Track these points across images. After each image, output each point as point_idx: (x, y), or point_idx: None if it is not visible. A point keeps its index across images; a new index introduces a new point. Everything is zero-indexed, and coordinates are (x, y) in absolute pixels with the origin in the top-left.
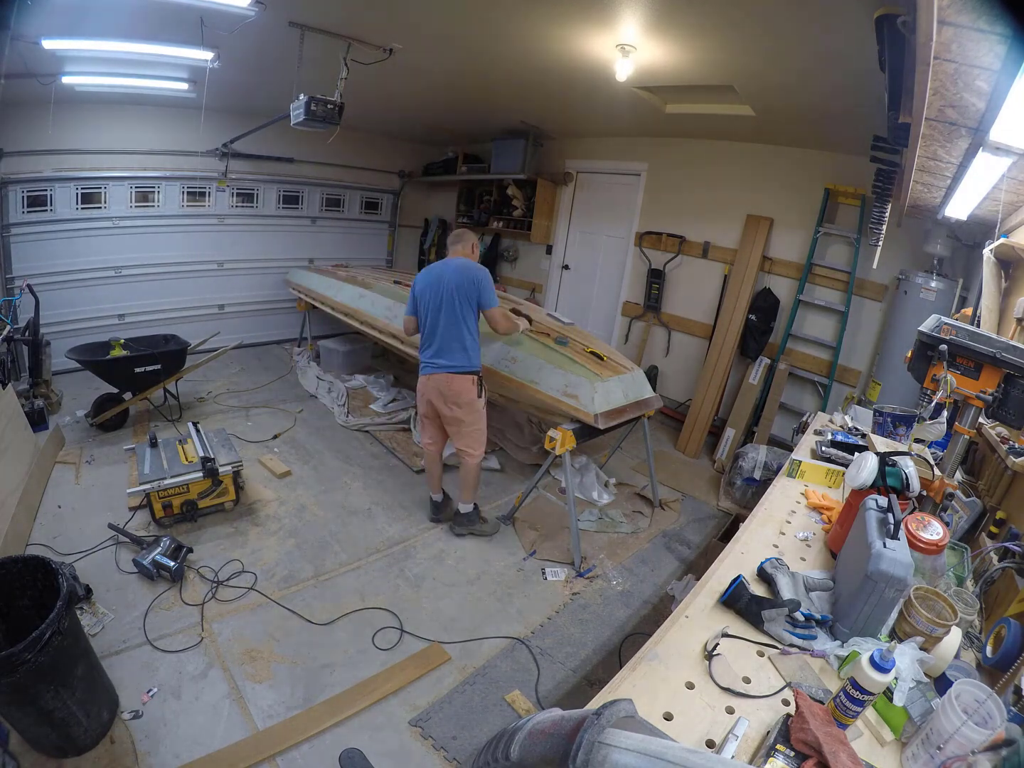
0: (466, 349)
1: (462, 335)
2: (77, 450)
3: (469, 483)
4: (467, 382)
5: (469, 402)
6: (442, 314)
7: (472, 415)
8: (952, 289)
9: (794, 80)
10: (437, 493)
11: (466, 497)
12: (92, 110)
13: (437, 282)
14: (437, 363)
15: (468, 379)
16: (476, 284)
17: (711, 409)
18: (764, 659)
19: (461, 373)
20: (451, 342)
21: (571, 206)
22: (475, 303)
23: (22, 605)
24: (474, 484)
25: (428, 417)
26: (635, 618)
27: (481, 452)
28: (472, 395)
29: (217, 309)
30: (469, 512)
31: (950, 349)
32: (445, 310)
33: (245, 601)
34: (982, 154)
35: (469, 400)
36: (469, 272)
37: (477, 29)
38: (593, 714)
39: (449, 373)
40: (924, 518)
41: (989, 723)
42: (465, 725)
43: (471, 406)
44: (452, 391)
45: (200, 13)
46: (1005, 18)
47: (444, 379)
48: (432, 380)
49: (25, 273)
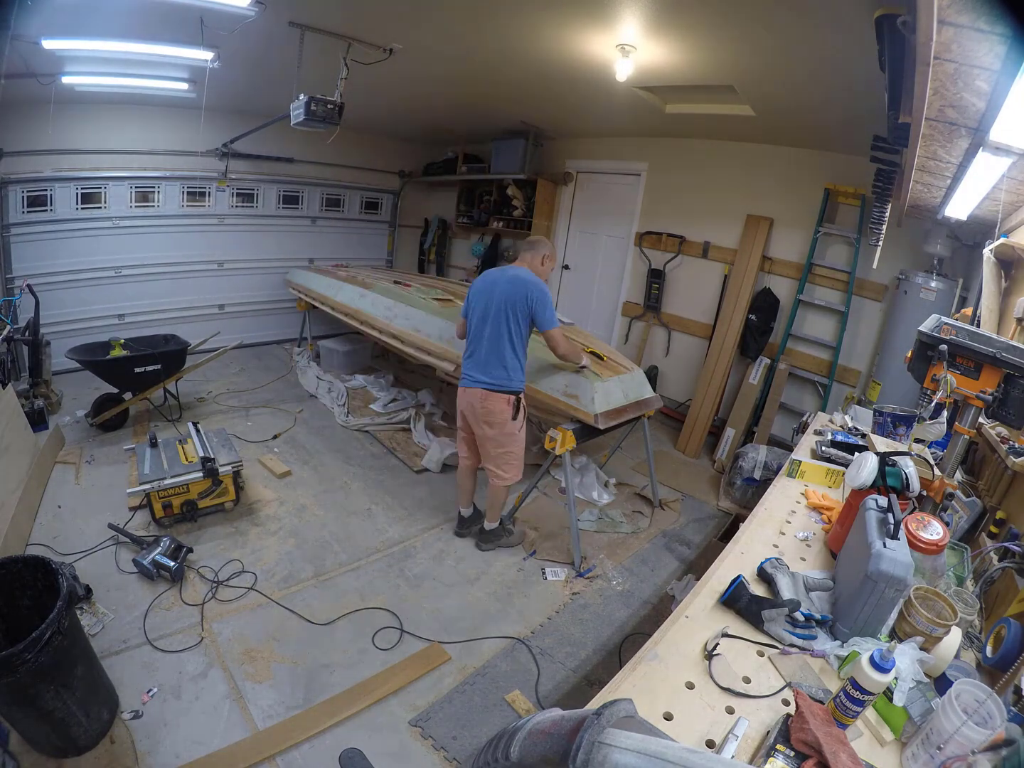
0: (506, 366)
1: (504, 350)
2: (77, 450)
3: (495, 505)
4: (502, 402)
5: (501, 423)
6: (487, 325)
7: (503, 437)
8: (952, 289)
9: (794, 80)
10: (467, 508)
11: (492, 517)
12: (92, 110)
13: (490, 289)
14: (474, 376)
15: (503, 399)
16: (528, 300)
17: (711, 409)
18: (764, 659)
19: (497, 391)
20: (491, 356)
21: (571, 206)
22: (527, 320)
23: (22, 605)
24: (500, 506)
25: (463, 431)
26: (635, 618)
27: (512, 477)
28: (506, 416)
29: (217, 309)
30: (495, 528)
31: (950, 349)
32: (491, 321)
33: (245, 601)
34: (982, 154)
35: (502, 421)
36: (523, 287)
37: (477, 29)
38: (593, 714)
39: (485, 389)
40: (924, 518)
41: (989, 723)
42: (465, 725)
43: (503, 427)
44: (484, 409)
45: (200, 13)
46: (1005, 18)
47: (479, 395)
48: (467, 394)
49: (25, 273)
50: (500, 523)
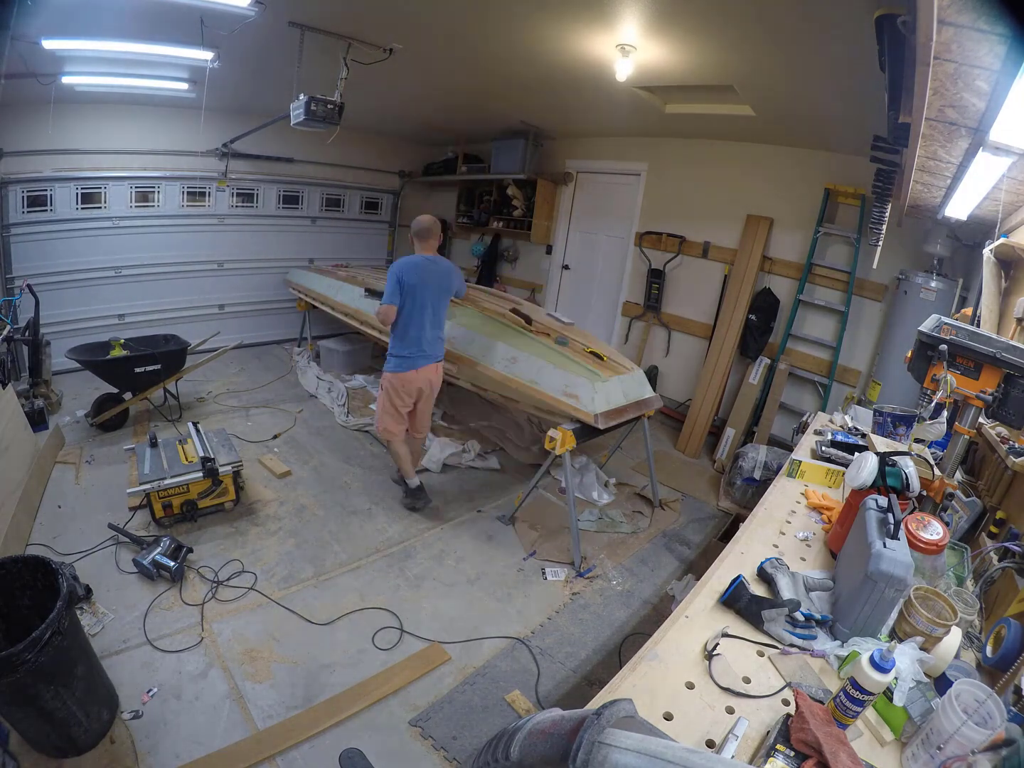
0: (442, 338)
1: (441, 328)
2: (77, 450)
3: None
4: (441, 370)
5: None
6: (429, 309)
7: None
8: (952, 289)
9: (794, 80)
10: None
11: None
12: (92, 110)
13: (433, 278)
14: (427, 353)
15: (442, 367)
16: (455, 276)
17: (711, 409)
18: (764, 659)
19: (441, 362)
20: (436, 334)
21: (571, 206)
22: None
23: (22, 605)
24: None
25: (408, 406)
26: (635, 618)
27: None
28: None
29: (217, 309)
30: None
31: (950, 349)
32: (431, 304)
33: (245, 601)
34: (982, 154)
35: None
36: (451, 272)
37: (477, 29)
38: (593, 714)
39: (438, 363)
40: (924, 518)
41: (989, 723)
42: (465, 725)
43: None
44: (438, 378)
45: (200, 13)
46: (1005, 18)
47: (435, 368)
48: (425, 371)
49: (25, 273)
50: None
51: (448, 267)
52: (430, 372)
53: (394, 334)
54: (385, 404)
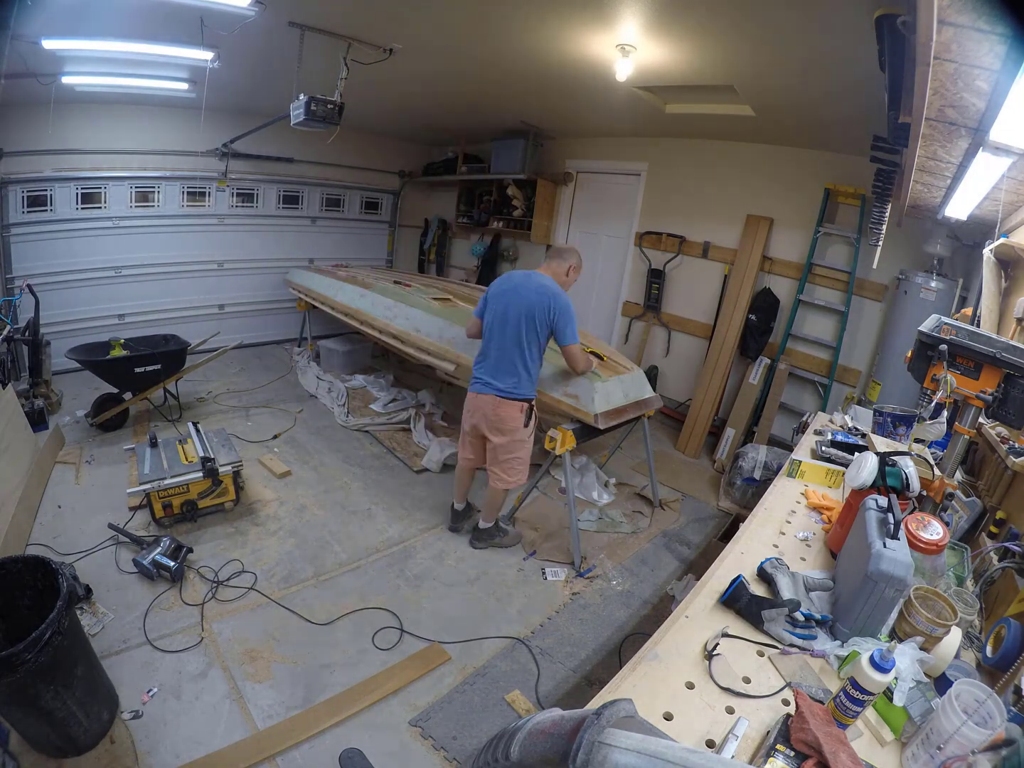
0: (519, 374)
1: (519, 358)
2: (77, 450)
3: (494, 506)
4: (515, 409)
5: (513, 430)
6: (505, 329)
7: (514, 444)
8: (952, 289)
9: (794, 80)
10: (460, 503)
11: (488, 517)
12: (92, 110)
13: (511, 293)
14: (487, 381)
15: (516, 406)
16: (551, 312)
17: (711, 409)
18: (764, 659)
19: (509, 399)
20: (506, 362)
21: (571, 206)
22: (546, 331)
23: (22, 605)
24: (498, 507)
25: (470, 434)
26: (635, 618)
27: (516, 481)
28: (517, 423)
29: (217, 309)
30: (488, 528)
31: (950, 349)
32: (510, 326)
33: (245, 601)
34: (982, 154)
35: (513, 428)
36: (548, 297)
37: (477, 29)
38: (593, 714)
39: (498, 397)
40: (924, 518)
41: (989, 723)
42: (465, 725)
43: (514, 434)
44: (497, 416)
45: (200, 13)
46: (1005, 18)
47: (491, 402)
48: (479, 400)
49: (25, 273)
50: (495, 523)
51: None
52: (483, 403)
53: None
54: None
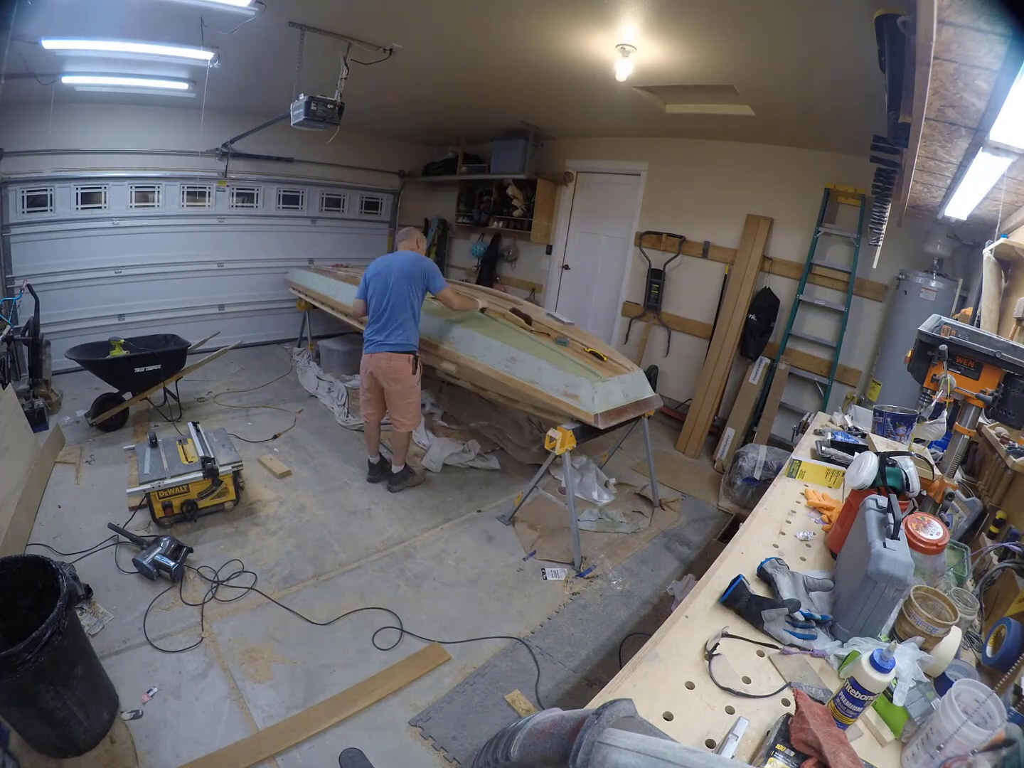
0: (407, 330)
1: (406, 316)
2: (77, 450)
3: (401, 449)
4: (404, 361)
5: (404, 378)
6: (388, 298)
7: (406, 389)
8: (952, 289)
9: (794, 80)
10: (375, 456)
11: (398, 461)
12: (92, 110)
13: (387, 270)
14: (379, 341)
15: (406, 358)
16: (424, 272)
17: (711, 409)
18: (764, 659)
19: (399, 352)
20: (396, 324)
21: (571, 206)
22: (422, 289)
23: (22, 605)
24: (405, 449)
25: (370, 391)
26: (635, 618)
27: (412, 423)
28: (407, 372)
29: (217, 309)
30: (401, 471)
31: (950, 349)
32: (392, 295)
33: (245, 601)
34: (982, 154)
35: (404, 376)
36: (418, 262)
37: (477, 29)
38: (593, 714)
39: (389, 352)
40: (924, 518)
41: (989, 723)
42: (465, 725)
43: (406, 382)
44: (391, 367)
45: (200, 13)
46: (1005, 18)
47: (385, 357)
48: (374, 358)
49: (25, 273)
50: (405, 466)
51: (411, 256)
52: (378, 360)
53: None
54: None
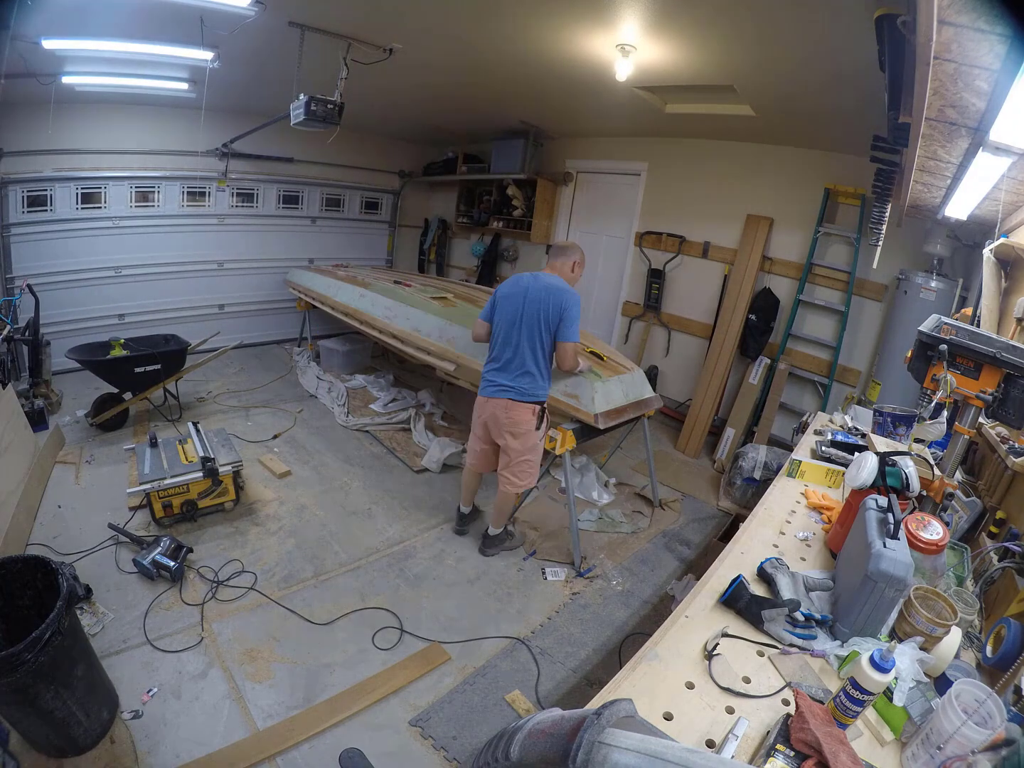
0: (533, 375)
1: (535, 359)
2: (77, 450)
3: (503, 510)
4: (527, 412)
5: (526, 433)
6: (517, 331)
7: (526, 446)
8: (952, 289)
9: (794, 80)
10: (467, 506)
11: (497, 523)
12: (92, 110)
13: (522, 295)
14: (499, 383)
15: (529, 408)
16: (561, 311)
17: (711, 409)
18: (764, 659)
19: (522, 401)
20: (519, 364)
21: (571, 206)
22: (554, 330)
23: (22, 605)
24: (508, 512)
25: (481, 440)
26: (635, 618)
27: (527, 484)
28: (530, 426)
29: (217, 309)
30: (498, 535)
31: (950, 349)
32: (523, 328)
33: (245, 601)
34: (982, 154)
35: (526, 431)
36: (560, 296)
37: (477, 29)
38: (593, 714)
39: (511, 399)
40: (924, 518)
41: (989, 723)
42: (465, 725)
43: (527, 438)
44: (510, 419)
45: (200, 13)
46: (1005, 18)
47: (503, 404)
48: (490, 403)
49: (25, 273)
50: (504, 528)
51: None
52: (495, 407)
53: None
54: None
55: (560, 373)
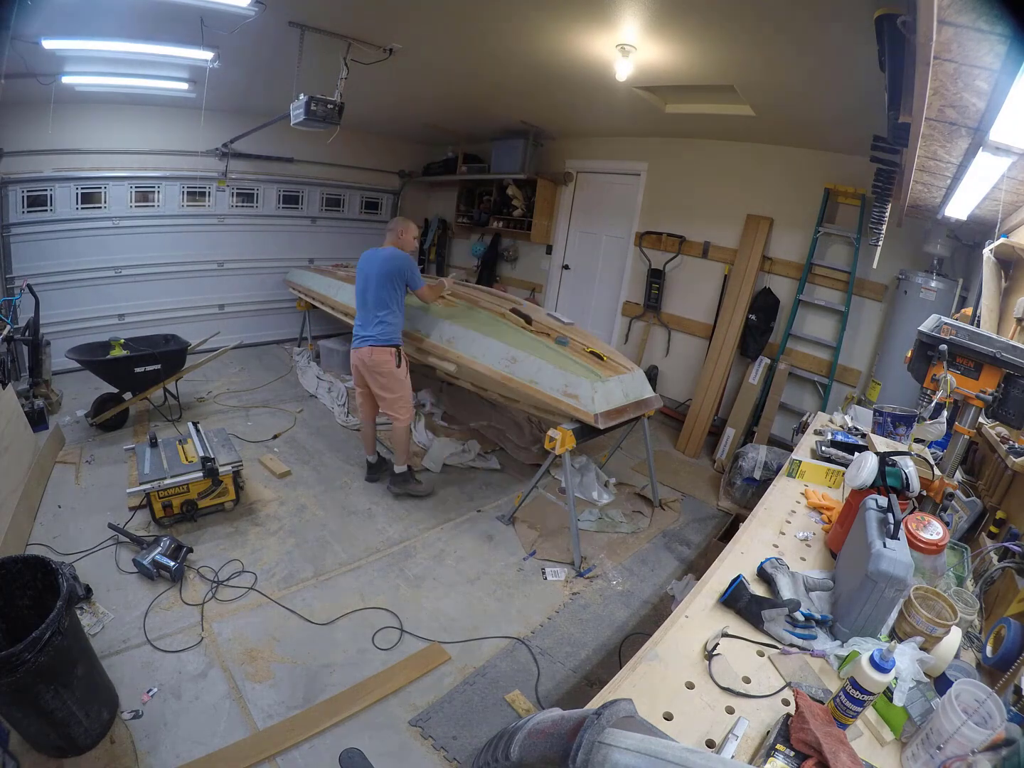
0: (386, 324)
1: (386, 310)
2: (77, 450)
3: (399, 446)
4: (386, 354)
5: (388, 372)
6: (369, 294)
7: (392, 383)
8: (952, 289)
9: (794, 80)
10: (372, 455)
11: (400, 460)
12: (92, 110)
13: (368, 267)
14: (361, 336)
15: (387, 351)
16: (401, 271)
17: (711, 409)
18: (764, 659)
19: (380, 345)
20: (374, 318)
21: (571, 206)
22: (402, 285)
23: (22, 605)
24: (404, 446)
25: (358, 386)
26: (635, 618)
27: (407, 417)
28: (391, 365)
29: (217, 309)
30: (403, 472)
31: (950, 349)
32: (372, 290)
33: (245, 601)
34: (982, 154)
35: (388, 370)
36: (397, 260)
37: (477, 29)
38: (593, 714)
39: (371, 346)
40: (924, 518)
41: (989, 723)
42: (465, 725)
43: (391, 376)
44: (373, 361)
45: (200, 13)
46: (1005, 18)
47: (367, 351)
48: (358, 352)
49: (25, 273)
50: (409, 469)
51: (388, 253)
52: (361, 355)
53: None
54: None
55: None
